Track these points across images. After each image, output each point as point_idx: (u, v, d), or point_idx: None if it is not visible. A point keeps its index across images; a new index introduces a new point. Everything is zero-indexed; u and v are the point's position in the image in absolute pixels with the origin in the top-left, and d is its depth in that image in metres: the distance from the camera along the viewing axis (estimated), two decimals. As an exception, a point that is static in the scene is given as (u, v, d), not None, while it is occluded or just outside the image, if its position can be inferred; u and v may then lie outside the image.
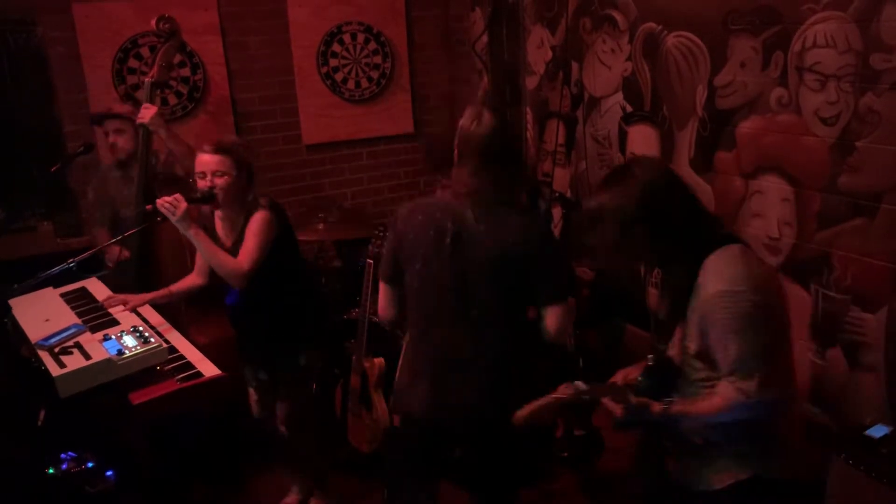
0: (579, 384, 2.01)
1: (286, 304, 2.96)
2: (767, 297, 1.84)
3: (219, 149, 2.79)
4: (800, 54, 2.87)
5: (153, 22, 3.31)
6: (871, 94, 2.65)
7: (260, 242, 2.77)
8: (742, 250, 1.91)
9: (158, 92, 3.87)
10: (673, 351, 2.05)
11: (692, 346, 1.92)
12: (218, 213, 2.93)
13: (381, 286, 2.39)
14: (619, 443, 3.56)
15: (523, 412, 2.04)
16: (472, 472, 2.35)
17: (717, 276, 1.84)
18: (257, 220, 2.79)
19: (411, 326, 2.35)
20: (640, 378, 2.00)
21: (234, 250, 2.82)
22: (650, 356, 2.02)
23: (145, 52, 4.09)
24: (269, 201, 2.87)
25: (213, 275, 2.97)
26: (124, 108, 3.56)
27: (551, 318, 2.17)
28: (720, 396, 1.86)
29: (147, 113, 3.29)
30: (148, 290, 3.00)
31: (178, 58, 4.17)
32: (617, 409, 1.91)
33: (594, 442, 3.44)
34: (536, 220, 2.18)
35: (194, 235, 2.71)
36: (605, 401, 1.95)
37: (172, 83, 4.19)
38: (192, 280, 3.02)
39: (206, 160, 2.78)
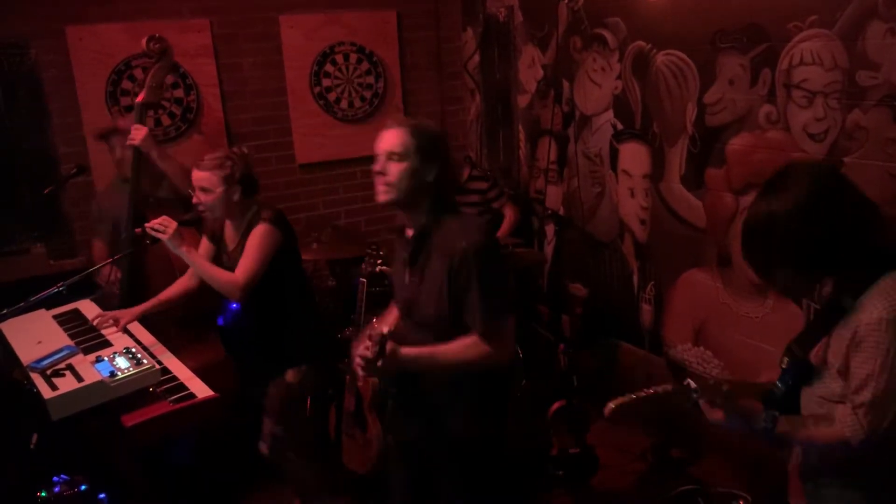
0: (690, 382, 1.81)
1: (288, 319, 2.96)
2: None
3: (205, 166, 2.81)
4: (787, 72, 2.91)
5: (143, 42, 3.32)
6: (858, 110, 2.68)
7: (258, 256, 2.76)
8: None
9: (151, 113, 3.88)
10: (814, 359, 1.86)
11: (836, 362, 1.75)
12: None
13: None
14: (614, 461, 3.56)
15: (613, 402, 1.83)
16: (457, 491, 2.29)
17: (887, 301, 1.66)
18: (257, 233, 2.79)
19: None
20: (777, 383, 1.84)
21: (235, 255, 2.83)
22: (785, 358, 1.86)
23: (138, 73, 4.10)
24: (273, 215, 2.85)
25: (204, 289, 2.96)
26: (128, 123, 3.56)
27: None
28: (839, 426, 1.71)
29: (138, 134, 3.29)
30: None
31: (171, 79, 4.19)
32: (717, 414, 1.81)
33: (589, 460, 3.43)
34: (473, 229, 2.10)
35: (186, 253, 2.73)
36: (704, 404, 1.82)
37: (165, 104, 4.20)
38: (184, 284, 2.99)
39: (196, 175, 2.83)
